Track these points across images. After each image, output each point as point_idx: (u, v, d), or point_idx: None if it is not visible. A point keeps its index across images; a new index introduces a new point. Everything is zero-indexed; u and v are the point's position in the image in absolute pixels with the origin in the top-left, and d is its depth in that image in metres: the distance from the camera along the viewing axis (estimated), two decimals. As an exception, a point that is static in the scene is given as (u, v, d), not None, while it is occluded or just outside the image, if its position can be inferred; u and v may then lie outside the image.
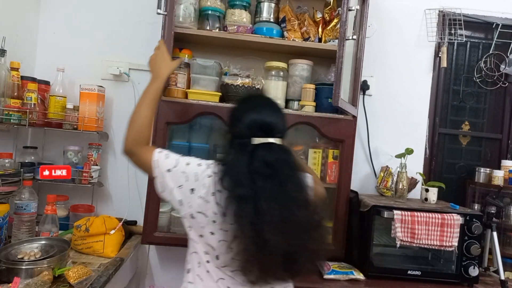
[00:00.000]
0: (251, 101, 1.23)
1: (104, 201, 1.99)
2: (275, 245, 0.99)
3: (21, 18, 1.83)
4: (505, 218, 1.87)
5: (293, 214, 1.03)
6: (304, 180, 1.15)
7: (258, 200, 1.00)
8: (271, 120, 1.12)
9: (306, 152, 1.84)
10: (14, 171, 1.58)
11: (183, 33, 1.70)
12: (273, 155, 1.07)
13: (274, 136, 1.10)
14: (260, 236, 0.99)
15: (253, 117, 1.11)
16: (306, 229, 1.05)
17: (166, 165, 1.12)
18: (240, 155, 1.07)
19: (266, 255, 1.00)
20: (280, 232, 1.00)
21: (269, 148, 1.08)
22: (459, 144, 2.20)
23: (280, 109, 1.19)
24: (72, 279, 1.20)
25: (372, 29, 2.02)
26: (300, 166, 1.15)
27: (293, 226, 1.03)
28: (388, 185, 1.92)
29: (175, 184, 1.11)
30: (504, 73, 2.12)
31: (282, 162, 1.07)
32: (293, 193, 1.06)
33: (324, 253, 1.18)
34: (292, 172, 1.09)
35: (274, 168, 1.05)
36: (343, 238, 1.74)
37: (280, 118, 1.15)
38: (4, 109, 1.56)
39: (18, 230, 1.47)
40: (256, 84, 1.75)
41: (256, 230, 0.99)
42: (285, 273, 1.07)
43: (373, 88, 2.08)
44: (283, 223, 1.01)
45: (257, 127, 1.09)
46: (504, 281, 1.63)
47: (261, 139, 1.08)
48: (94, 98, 1.79)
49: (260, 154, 1.06)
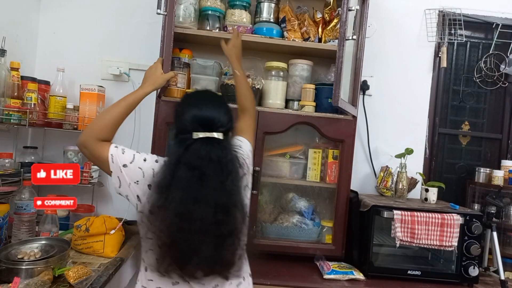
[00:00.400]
0: (193, 96, 1.24)
1: (104, 201, 1.99)
2: (170, 236, 1.02)
3: (21, 18, 1.83)
4: (505, 218, 1.87)
5: (198, 210, 1.02)
6: (233, 184, 1.10)
7: (172, 187, 1.03)
8: (212, 115, 1.12)
9: (306, 152, 1.84)
10: (14, 171, 1.58)
11: (183, 33, 1.70)
12: (207, 149, 1.07)
13: (216, 131, 1.10)
14: (159, 225, 1.03)
15: (193, 113, 1.12)
16: (205, 230, 1.03)
17: (123, 160, 1.12)
18: (178, 148, 1.09)
19: (163, 246, 1.04)
20: (178, 223, 1.01)
21: (206, 143, 1.08)
22: (459, 144, 2.20)
23: (223, 104, 1.19)
24: (72, 279, 1.20)
25: (372, 29, 2.02)
26: (232, 164, 1.10)
27: (193, 222, 1.02)
28: (388, 185, 1.92)
29: (132, 180, 1.12)
30: (504, 73, 2.12)
31: (212, 157, 1.06)
32: (209, 190, 1.04)
33: (222, 262, 1.07)
34: (218, 168, 1.06)
35: (201, 161, 1.05)
36: (343, 238, 1.75)
37: (222, 113, 1.14)
38: (4, 109, 1.56)
39: (18, 230, 1.47)
40: (256, 84, 1.75)
41: (159, 217, 1.03)
42: (184, 270, 1.07)
43: (373, 88, 2.08)
44: (184, 215, 1.02)
45: (197, 123, 1.10)
46: (504, 281, 1.63)
47: (200, 134, 1.09)
48: (94, 98, 1.79)
49: (194, 148, 1.07)
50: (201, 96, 1.24)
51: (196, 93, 1.33)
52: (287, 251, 1.74)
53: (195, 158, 1.05)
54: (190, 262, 1.04)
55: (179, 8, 1.69)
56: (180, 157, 1.06)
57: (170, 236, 1.02)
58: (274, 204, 1.87)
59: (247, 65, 1.92)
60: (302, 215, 1.82)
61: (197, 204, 1.03)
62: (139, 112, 1.89)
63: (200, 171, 1.04)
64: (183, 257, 1.04)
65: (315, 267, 1.70)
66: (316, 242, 1.78)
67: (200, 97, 1.22)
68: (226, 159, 1.09)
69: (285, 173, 1.83)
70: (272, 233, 1.79)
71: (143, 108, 1.68)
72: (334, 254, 1.74)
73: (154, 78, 1.36)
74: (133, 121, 1.89)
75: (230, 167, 1.09)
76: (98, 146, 1.14)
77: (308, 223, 1.80)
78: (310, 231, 1.79)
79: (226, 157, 1.09)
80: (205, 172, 1.05)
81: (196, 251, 1.03)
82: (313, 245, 1.76)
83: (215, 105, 1.16)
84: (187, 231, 1.02)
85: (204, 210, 1.03)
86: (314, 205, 1.88)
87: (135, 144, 1.95)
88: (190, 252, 1.03)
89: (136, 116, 1.88)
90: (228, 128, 1.15)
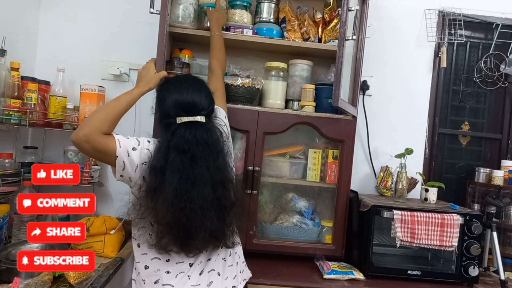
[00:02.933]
0: (173, 81, 1.26)
1: (104, 201, 1.99)
2: (171, 216, 1.08)
3: (21, 18, 1.83)
4: (505, 218, 1.87)
5: (196, 189, 1.10)
6: (224, 160, 1.19)
7: (167, 171, 1.09)
8: (193, 100, 1.16)
9: (306, 152, 1.84)
10: (14, 171, 1.58)
11: (182, 33, 1.70)
12: (192, 132, 1.13)
13: (197, 114, 1.16)
14: (158, 206, 1.09)
15: (174, 98, 1.17)
16: (206, 206, 1.11)
17: (131, 144, 1.16)
18: (165, 133, 1.15)
19: (163, 224, 1.11)
20: (178, 203, 1.08)
21: (190, 126, 1.14)
22: (459, 144, 2.20)
23: (203, 87, 1.23)
24: (72, 279, 1.20)
25: (372, 29, 2.02)
26: (218, 143, 1.18)
27: (193, 201, 1.09)
28: (388, 185, 1.92)
29: (141, 161, 1.15)
30: (504, 73, 2.12)
31: (199, 139, 1.13)
32: (203, 170, 1.12)
33: (222, 234, 1.18)
34: (207, 150, 1.14)
35: (189, 144, 1.12)
36: (343, 238, 1.75)
37: (203, 96, 1.19)
38: (4, 109, 1.56)
39: (18, 230, 1.47)
40: (256, 84, 1.75)
41: (157, 199, 1.09)
42: (184, 245, 1.14)
43: (373, 88, 2.08)
44: (183, 196, 1.09)
45: (179, 107, 1.15)
46: (504, 281, 1.63)
47: (183, 118, 1.14)
48: (94, 98, 1.79)
49: (180, 132, 1.13)
50: (181, 80, 1.26)
51: (177, 77, 1.33)
52: (287, 251, 1.74)
53: (183, 142, 1.12)
54: (195, 237, 1.12)
55: (178, 8, 1.69)
56: (168, 141, 1.12)
57: (172, 216, 1.08)
58: (274, 204, 1.87)
59: (247, 65, 1.93)
60: (302, 215, 1.82)
61: (194, 184, 1.10)
62: (139, 111, 1.89)
63: (191, 153, 1.11)
64: (187, 235, 1.11)
65: (315, 267, 1.70)
66: (316, 242, 1.78)
67: (180, 81, 1.24)
68: (212, 140, 1.16)
69: (285, 173, 1.83)
70: (272, 233, 1.79)
71: (143, 107, 1.68)
72: (334, 254, 1.74)
73: (148, 78, 1.36)
74: (133, 121, 1.90)
75: (219, 146, 1.17)
76: (103, 138, 1.15)
77: (308, 223, 1.80)
78: (310, 231, 1.79)
79: (212, 138, 1.16)
80: (195, 154, 1.12)
81: (201, 227, 1.11)
82: (313, 245, 1.76)
83: (195, 89, 1.19)
84: (189, 210, 1.09)
85: (202, 189, 1.11)
86: (314, 205, 1.88)
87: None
88: (195, 229, 1.10)
89: (136, 112, 1.89)
90: (210, 111, 1.21)
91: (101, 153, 1.16)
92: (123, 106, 1.22)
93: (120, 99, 1.23)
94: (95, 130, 1.14)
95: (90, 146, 1.13)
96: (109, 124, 1.17)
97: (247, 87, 1.71)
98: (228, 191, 1.17)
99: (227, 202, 1.16)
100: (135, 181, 1.17)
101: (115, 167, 1.15)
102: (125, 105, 1.22)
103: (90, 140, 1.13)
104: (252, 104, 1.76)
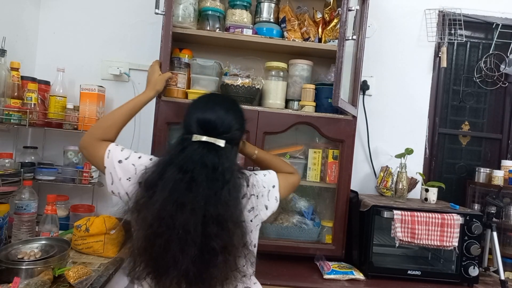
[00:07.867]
0: (202, 98, 1.17)
1: (104, 201, 1.99)
2: (144, 240, 0.96)
3: (21, 18, 1.83)
4: (505, 218, 1.87)
5: (181, 216, 0.94)
6: (230, 194, 1.01)
7: (158, 187, 0.99)
8: (214, 119, 1.07)
9: (306, 152, 1.84)
10: (14, 171, 1.58)
11: (183, 33, 1.70)
12: (202, 153, 1.02)
13: (215, 136, 1.06)
14: (137, 224, 1.00)
15: (197, 115, 1.08)
16: (187, 241, 0.93)
17: (119, 156, 1.12)
18: (174, 148, 1.07)
19: (137, 249, 0.98)
20: (157, 227, 0.94)
21: (203, 147, 1.03)
22: (459, 144, 2.20)
23: (232, 109, 1.12)
24: (72, 279, 1.20)
25: (372, 29, 2.02)
26: (230, 174, 1.03)
27: (174, 229, 0.94)
28: (388, 185, 1.92)
29: (125, 175, 1.11)
30: (504, 73, 2.12)
31: (206, 162, 1.01)
32: (198, 197, 0.97)
33: (208, 281, 0.97)
34: (212, 176, 1.00)
35: (194, 165, 1.00)
36: (343, 238, 1.74)
37: (229, 118, 1.09)
38: (4, 109, 1.56)
39: (18, 230, 1.47)
40: (256, 84, 1.75)
41: (140, 216, 0.99)
42: (159, 282, 0.98)
43: (373, 88, 2.08)
44: (164, 219, 0.95)
45: (199, 125, 1.06)
46: (504, 281, 1.63)
47: (201, 137, 1.05)
48: (94, 98, 1.79)
49: (189, 150, 1.03)
50: (209, 98, 1.17)
51: (207, 95, 1.26)
52: (287, 251, 1.74)
53: (188, 161, 1.01)
54: (166, 274, 0.94)
55: (178, 8, 1.69)
56: (173, 156, 1.03)
57: (146, 241, 0.96)
58: (274, 204, 1.87)
59: (247, 65, 1.93)
60: (302, 215, 1.82)
61: (181, 210, 0.95)
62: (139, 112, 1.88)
63: (191, 175, 0.98)
64: (157, 266, 0.96)
65: (315, 267, 1.70)
66: (316, 242, 1.78)
67: (208, 99, 1.16)
68: (223, 167, 1.02)
69: (285, 173, 1.83)
70: (272, 233, 1.79)
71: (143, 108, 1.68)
72: (334, 254, 1.74)
73: (154, 81, 1.36)
74: (133, 122, 1.89)
75: (228, 176, 1.02)
76: (97, 145, 1.14)
77: (308, 223, 1.80)
78: (310, 231, 1.79)
79: (223, 165, 1.02)
80: (196, 178, 0.98)
81: (175, 263, 0.93)
82: (313, 245, 1.76)
83: (221, 109, 1.10)
84: (165, 237, 0.94)
85: (189, 218, 0.94)
86: (314, 205, 1.88)
87: (135, 145, 1.96)
88: (166, 263, 0.94)
89: (136, 116, 1.88)
90: (233, 136, 1.09)
91: (93, 161, 1.16)
92: (127, 112, 1.22)
93: (123, 106, 1.23)
94: (93, 137, 1.14)
95: (87, 152, 1.15)
96: (111, 132, 1.16)
97: (247, 87, 1.71)
98: (224, 232, 0.96)
99: (216, 245, 0.94)
100: (123, 197, 1.11)
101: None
102: (127, 111, 1.23)
103: (86, 146, 1.14)
104: (252, 104, 1.75)
